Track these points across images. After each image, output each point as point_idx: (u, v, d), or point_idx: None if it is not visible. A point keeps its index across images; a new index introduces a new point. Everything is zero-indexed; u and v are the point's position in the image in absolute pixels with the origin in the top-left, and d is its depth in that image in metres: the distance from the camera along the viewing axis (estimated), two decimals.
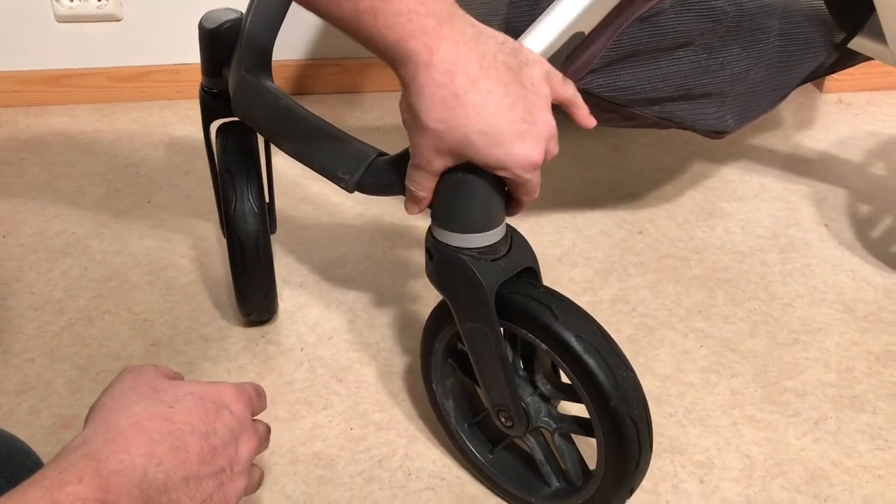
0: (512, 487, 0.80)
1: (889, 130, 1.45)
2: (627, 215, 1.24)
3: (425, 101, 0.58)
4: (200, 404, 0.56)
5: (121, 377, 0.57)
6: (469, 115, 0.58)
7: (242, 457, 0.57)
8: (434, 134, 0.59)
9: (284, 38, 0.88)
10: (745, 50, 0.87)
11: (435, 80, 0.57)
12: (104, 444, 0.50)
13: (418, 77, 0.57)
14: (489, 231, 0.66)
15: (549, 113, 0.62)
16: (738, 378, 0.97)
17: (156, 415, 0.53)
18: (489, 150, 0.59)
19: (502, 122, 0.58)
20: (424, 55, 0.56)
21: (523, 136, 0.59)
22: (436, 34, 0.56)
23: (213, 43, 0.87)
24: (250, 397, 0.61)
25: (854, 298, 1.08)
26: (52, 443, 0.87)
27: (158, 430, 0.52)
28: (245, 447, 0.58)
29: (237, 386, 0.61)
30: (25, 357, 0.98)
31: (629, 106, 0.83)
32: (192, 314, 1.05)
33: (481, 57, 0.58)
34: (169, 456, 0.51)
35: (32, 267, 1.13)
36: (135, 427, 0.52)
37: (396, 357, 0.99)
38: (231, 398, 0.59)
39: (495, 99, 0.58)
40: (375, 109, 1.53)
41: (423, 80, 0.57)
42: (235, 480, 0.56)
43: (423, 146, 0.61)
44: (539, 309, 0.67)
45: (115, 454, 0.49)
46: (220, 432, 0.56)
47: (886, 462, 0.87)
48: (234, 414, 0.58)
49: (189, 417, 0.54)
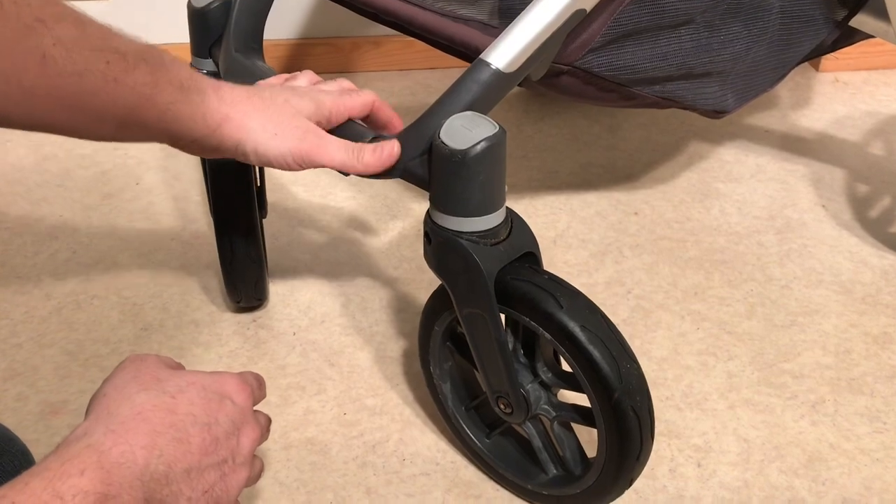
0: (508, 473, 0.79)
1: (886, 110, 1.44)
2: (623, 197, 1.23)
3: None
4: (203, 395, 0.55)
5: (123, 367, 0.57)
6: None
7: (244, 447, 0.57)
8: None
9: (275, 17, 0.87)
10: (746, 28, 0.85)
11: None
12: (106, 435, 0.49)
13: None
14: (489, 214, 0.65)
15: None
16: (735, 361, 0.96)
17: (158, 405, 0.53)
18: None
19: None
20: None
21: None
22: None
23: (203, 22, 0.85)
24: (252, 388, 0.61)
25: (852, 280, 1.08)
26: (39, 429, 0.86)
27: (161, 420, 0.52)
28: (247, 438, 0.58)
29: (239, 376, 0.60)
30: (12, 342, 0.97)
31: (629, 85, 0.82)
32: (182, 298, 1.03)
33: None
34: (170, 447, 0.51)
35: (19, 250, 1.11)
36: (137, 418, 0.51)
37: (390, 341, 0.98)
38: (233, 388, 0.59)
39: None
40: (367, 89, 1.51)
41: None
42: (237, 471, 0.56)
43: None
44: (543, 296, 0.65)
45: (116, 446, 0.49)
46: (222, 423, 0.55)
47: (884, 445, 0.86)
48: (237, 404, 0.58)
49: (191, 408, 0.54)
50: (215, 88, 0.63)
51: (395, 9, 0.79)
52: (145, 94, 0.57)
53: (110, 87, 0.55)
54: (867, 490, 0.82)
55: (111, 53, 0.55)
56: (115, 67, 0.55)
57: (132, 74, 0.56)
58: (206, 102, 0.62)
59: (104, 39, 0.55)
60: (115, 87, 0.55)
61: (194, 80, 0.62)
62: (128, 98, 0.56)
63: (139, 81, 0.57)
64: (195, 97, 0.61)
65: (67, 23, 0.53)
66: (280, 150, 0.64)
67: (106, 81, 0.55)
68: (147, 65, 0.57)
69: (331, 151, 0.66)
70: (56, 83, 0.52)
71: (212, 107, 0.62)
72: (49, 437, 0.86)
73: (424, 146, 0.65)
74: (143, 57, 0.57)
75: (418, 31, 0.78)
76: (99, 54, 0.54)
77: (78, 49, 0.53)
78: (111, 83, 0.55)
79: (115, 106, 0.56)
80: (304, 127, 0.66)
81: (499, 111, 0.68)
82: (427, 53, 1.32)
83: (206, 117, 0.62)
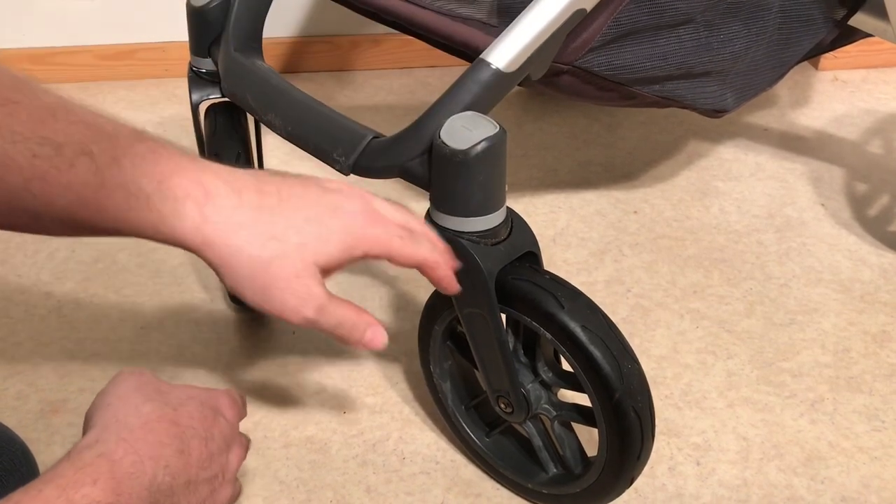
0: (508, 472, 0.79)
1: (885, 108, 1.44)
2: (622, 195, 1.23)
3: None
4: (200, 409, 0.56)
5: (121, 379, 0.56)
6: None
7: (233, 465, 0.58)
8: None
9: (274, 15, 0.87)
10: (745, 27, 0.85)
11: None
12: (118, 444, 0.49)
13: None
14: (489, 214, 0.65)
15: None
16: (734, 359, 0.96)
17: (162, 417, 0.53)
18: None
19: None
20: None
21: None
22: None
23: (202, 21, 0.85)
24: (239, 406, 0.61)
25: (851, 278, 1.08)
26: (39, 428, 0.86)
27: (165, 432, 0.52)
28: (235, 455, 0.58)
29: (227, 393, 0.61)
30: (12, 341, 0.97)
31: (629, 85, 0.82)
32: (181, 297, 1.03)
33: None
34: (174, 459, 0.51)
35: (18, 249, 1.11)
36: (144, 427, 0.51)
37: (390, 340, 0.97)
38: (225, 404, 0.59)
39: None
40: (366, 88, 1.51)
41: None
42: (225, 488, 0.56)
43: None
44: (544, 296, 0.66)
45: (128, 456, 0.49)
46: (216, 438, 0.55)
47: (883, 443, 0.87)
48: (228, 421, 0.58)
49: (191, 421, 0.54)
50: (199, 201, 0.50)
51: (394, 7, 0.79)
52: (86, 196, 0.47)
53: (36, 186, 0.46)
54: (865, 488, 0.82)
55: (41, 145, 0.45)
56: (42, 163, 0.45)
57: (66, 173, 0.46)
58: (179, 215, 0.49)
59: (37, 124, 0.46)
60: (42, 185, 0.46)
61: (167, 183, 0.48)
62: (64, 198, 0.47)
63: (76, 181, 0.46)
64: (163, 206, 0.49)
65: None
66: (264, 308, 0.53)
67: (29, 179, 0.45)
68: (92, 161, 0.47)
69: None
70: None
71: (188, 224, 0.49)
72: (49, 435, 0.86)
73: (424, 146, 0.65)
74: (87, 150, 0.47)
75: (417, 29, 0.78)
76: (23, 146, 0.45)
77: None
78: (37, 181, 0.45)
79: (50, 206, 0.47)
80: (305, 294, 0.52)
81: (498, 109, 0.68)
82: (426, 52, 1.31)
83: (177, 234, 0.50)
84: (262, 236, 0.51)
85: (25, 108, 0.46)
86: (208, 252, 0.51)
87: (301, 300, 0.52)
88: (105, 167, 0.47)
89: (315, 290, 0.53)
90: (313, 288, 0.52)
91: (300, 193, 0.53)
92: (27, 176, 0.45)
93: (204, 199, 0.50)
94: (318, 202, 0.53)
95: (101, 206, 0.48)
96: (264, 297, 0.52)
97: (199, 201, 0.50)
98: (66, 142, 0.46)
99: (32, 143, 0.45)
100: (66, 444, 0.85)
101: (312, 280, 0.52)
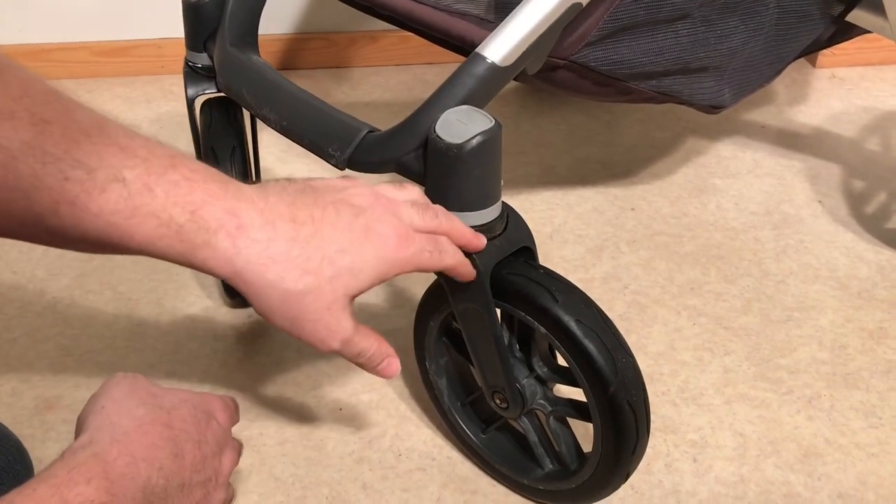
0: (504, 468, 0.79)
1: (882, 105, 1.44)
2: (619, 192, 1.23)
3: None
4: (193, 413, 0.56)
5: (114, 383, 0.56)
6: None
7: (225, 469, 0.58)
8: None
9: (271, 11, 0.86)
10: (743, 22, 0.85)
11: None
12: (112, 445, 0.49)
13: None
14: (484, 209, 0.65)
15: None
16: (731, 356, 0.96)
17: (156, 420, 0.53)
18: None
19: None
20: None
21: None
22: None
23: (198, 16, 0.85)
24: (231, 410, 0.62)
25: (848, 275, 1.08)
26: (34, 424, 0.86)
27: (159, 435, 0.52)
28: (228, 459, 0.58)
29: (221, 397, 0.61)
30: (7, 337, 0.97)
31: (626, 80, 0.82)
32: (177, 293, 1.03)
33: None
34: (168, 461, 0.51)
35: (13, 245, 1.11)
36: (138, 430, 0.52)
37: (386, 337, 0.97)
38: (218, 408, 0.59)
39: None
40: (363, 84, 1.51)
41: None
42: (218, 491, 0.56)
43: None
44: (538, 291, 0.65)
45: (121, 457, 0.49)
46: (209, 441, 0.56)
47: (880, 440, 0.87)
48: (221, 425, 0.58)
49: (184, 425, 0.54)
50: (232, 233, 0.48)
51: (391, 3, 0.78)
52: (116, 223, 0.46)
53: (64, 210, 0.44)
54: (862, 485, 0.82)
55: (73, 168, 0.44)
56: (74, 186, 0.44)
57: (97, 199, 0.45)
58: (211, 246, 0.48)
59: (70, 145, 0.44)
60: (71, 210, 0.44)
61: (199, 213, 0.47)
62: (93, 224, 0.45)
63: (107, 208, 0.45)
64: (195, 237, 0.48)
65: (20, 121, 0.43)
66: (291, 334, 0.54)
67: (58, 202, 0.44)
68: (125, 187, 0.45)
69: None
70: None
71: (220, 255, 0.49)
72: (44, 432, 0.86)
73: (420, 140, 0.65)
74: (119, 176, 0.45)
75: (414, 25, 0.78)
76: (54, 167, 0.43)
77: (24, 158, 0.42)
78: (66, 205, 0.44)
79: (77, 230, 0.46)
80: (335, 327, 0.53)
81: (495, 106, 0.68)
82: (424, 48, 1.31)
83: (208, 265, 0.49)
84: (295, 271, 0.51)
85: (59, 126, 0.44)
86: (239, 282, 0.51)
87: (330, 332, 0.54)
88: (137, 194, 0.46)
89: (344, 324, 0.54)
90: (343, 321, 0.54)
91: (333, 220, 0.53)
92: (56, 199, 0.44)
93: (237, 232, 0.49)
94: (350, 227, 0.53)
95: (130, 233, 0.47)
96: (293, 325, 0.53)
97: (231, 233, 0.49)
98: (99, 166, 0.45)
99: (65, 165, 0.44)
100: (60, 441, 0.85)
101: (343, 312, 0.53)
